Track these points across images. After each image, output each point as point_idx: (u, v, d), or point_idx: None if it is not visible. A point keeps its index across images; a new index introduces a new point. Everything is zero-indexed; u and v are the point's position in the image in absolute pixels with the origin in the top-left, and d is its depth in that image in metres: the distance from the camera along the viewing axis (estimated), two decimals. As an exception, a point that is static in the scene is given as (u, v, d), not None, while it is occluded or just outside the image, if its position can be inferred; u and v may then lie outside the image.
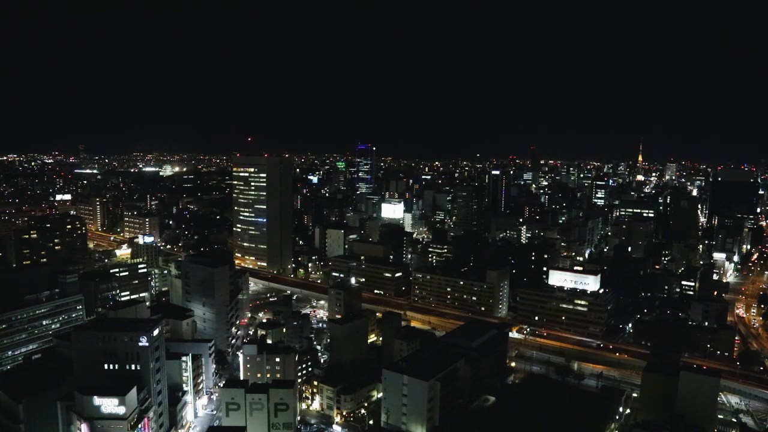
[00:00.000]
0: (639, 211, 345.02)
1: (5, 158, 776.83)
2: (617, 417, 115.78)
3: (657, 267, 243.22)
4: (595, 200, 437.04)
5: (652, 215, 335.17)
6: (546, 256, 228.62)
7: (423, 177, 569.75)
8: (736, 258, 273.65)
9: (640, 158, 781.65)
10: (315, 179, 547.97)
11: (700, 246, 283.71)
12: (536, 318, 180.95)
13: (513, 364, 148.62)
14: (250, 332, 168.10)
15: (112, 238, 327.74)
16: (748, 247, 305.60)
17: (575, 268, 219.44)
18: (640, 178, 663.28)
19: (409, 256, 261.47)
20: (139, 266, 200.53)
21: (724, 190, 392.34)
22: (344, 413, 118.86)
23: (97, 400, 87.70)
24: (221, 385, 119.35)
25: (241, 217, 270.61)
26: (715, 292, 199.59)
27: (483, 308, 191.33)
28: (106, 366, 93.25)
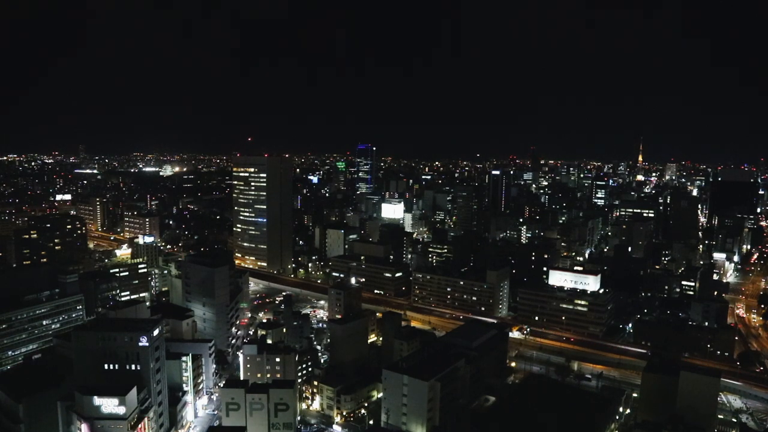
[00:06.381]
0: (639, 211, 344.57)
1: (5, 158, 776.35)
2: (617, 417, 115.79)
3: (657, 267, 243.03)
4: (595, 200, 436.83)
5: (652, 215, 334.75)
6: (546, 256, 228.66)
7: (423, 177, 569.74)
8: (736, 258, 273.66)
9: (640, 158, 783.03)
10: (315, 179, 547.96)
11: (700, 246, 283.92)
12: (536, 318, 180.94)
13: (513, 364, 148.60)
14: (250, 332, 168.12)
15: (112, 238, 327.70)
16: (748, 247, 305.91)
17: (575, 268, 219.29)
18: (640, 178, 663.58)
19: (409, 256, 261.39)
20: (139, 266, 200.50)
21: (724, 190, 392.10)
22: (344, 413, 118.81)
23: (97, 400, 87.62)
24: (221, 385, 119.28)
25: (241, 217, 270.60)
26: (715, 292, 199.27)
27: (483, 308, 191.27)
28: (106, 366, 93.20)
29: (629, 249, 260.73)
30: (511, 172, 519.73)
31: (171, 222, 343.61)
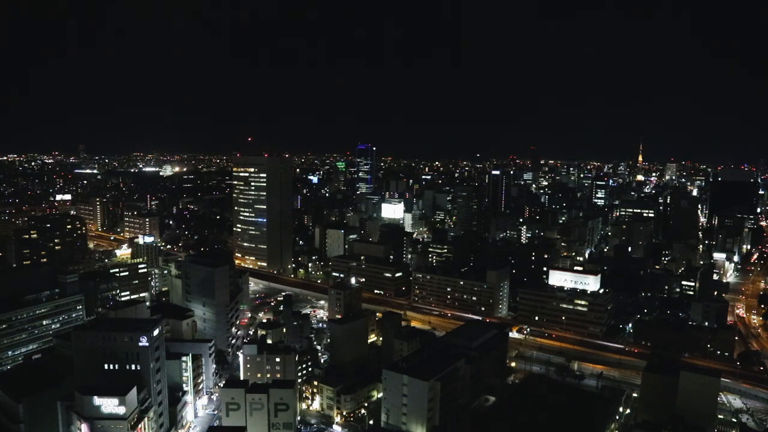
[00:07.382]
0: (639, 211, 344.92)
1: (5, 158, 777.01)
2: (617, 417, 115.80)
3: (657, 267, 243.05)
4: (595, 200, 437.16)
5: (652, 215, 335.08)
6: (546, 256, 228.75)
7: (423, 177, 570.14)
8: (736, 258, 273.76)
9: (640, 158, 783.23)
10: (315, 179, 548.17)
11: (700, 246, 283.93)
12: (536, 318, 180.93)
13: (513, 364, 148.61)
14: (250, 332, 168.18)
15: (112, 238, 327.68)
16: (748, 247, 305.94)
17: (575, 268, 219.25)
18: (640, 178, 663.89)
19: (409, 256, 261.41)
20: (139, 266, 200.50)
21: (724, 190, 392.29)
22: (344, 413, 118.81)
23: (97, 400, 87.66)
24: (221, 385, 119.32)
25: (241, 217, 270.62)
26: (715, 292, 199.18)
27: (483, 308, 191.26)
28: (106, 366, 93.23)
29: (629, 249, 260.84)
30: (511, 172, 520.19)
31: (171, 222, 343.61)
